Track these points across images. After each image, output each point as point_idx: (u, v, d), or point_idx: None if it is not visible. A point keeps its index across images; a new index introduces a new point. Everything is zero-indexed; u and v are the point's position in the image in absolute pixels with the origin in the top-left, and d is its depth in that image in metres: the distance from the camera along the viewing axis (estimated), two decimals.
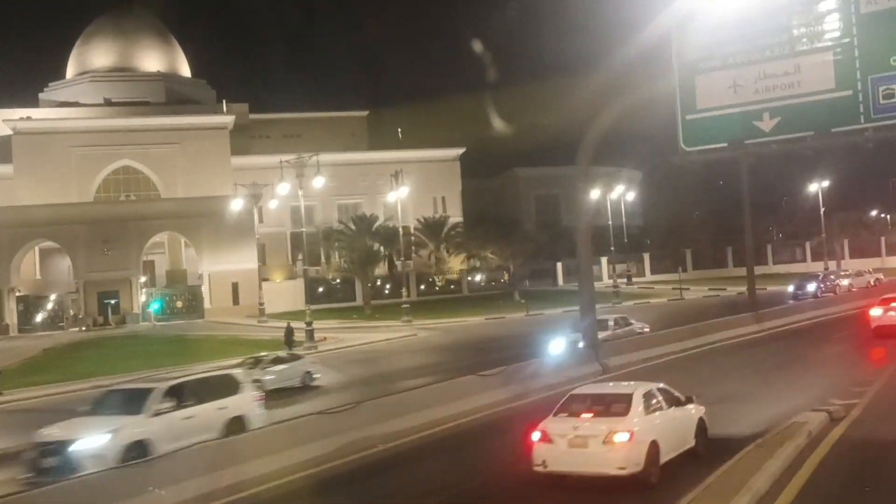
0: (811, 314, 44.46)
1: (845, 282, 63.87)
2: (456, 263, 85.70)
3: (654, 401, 15.63)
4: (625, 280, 79.29)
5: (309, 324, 43.17)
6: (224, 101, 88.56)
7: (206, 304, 69.44)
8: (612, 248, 70.74)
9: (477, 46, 65.01)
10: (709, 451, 16.15)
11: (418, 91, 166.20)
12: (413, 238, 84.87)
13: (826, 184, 77.71)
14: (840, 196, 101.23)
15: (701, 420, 16.62)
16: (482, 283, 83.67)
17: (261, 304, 61.87)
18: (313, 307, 67.10)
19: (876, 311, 33.55)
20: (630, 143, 75.92)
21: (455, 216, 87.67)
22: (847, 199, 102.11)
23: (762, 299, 50.21)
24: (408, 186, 64.55)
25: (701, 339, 34.46)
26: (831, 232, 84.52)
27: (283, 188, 51.56)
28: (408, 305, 56.68)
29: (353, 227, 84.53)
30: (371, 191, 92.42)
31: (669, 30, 25.58)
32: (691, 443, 16.23)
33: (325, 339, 46.88)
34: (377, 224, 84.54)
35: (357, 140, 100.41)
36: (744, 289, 55.02)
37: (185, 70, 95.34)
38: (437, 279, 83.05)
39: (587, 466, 14.66)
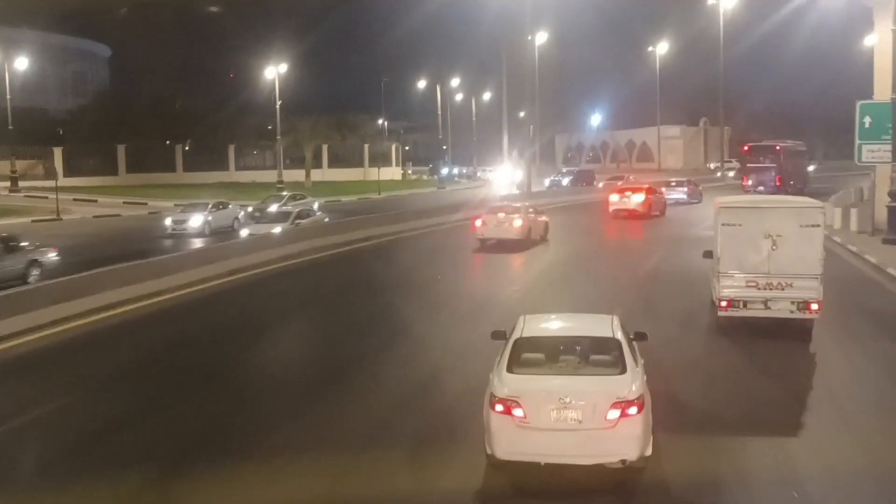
0: None
1: None
2: None
3: (529, 211, 32.10)
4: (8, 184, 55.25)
5: None
6: None
7: None
8: None
9: None
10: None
11: None
12: None
13: (283, 68, 59.24)
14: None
15: (547, 223, 33.09)
16: None
17: None
18: None
19: (613, 197, 40.97)
20: None
21: None
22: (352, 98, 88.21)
23: None
24: None
25: None
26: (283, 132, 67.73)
27: None
28: None
29: None
30: None
31: None
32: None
33: None
34: None
35: None
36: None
37: None
38: None
39: (504, 234, 30.18)
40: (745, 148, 54.78)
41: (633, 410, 9.12)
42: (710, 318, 17.20)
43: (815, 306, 15.42)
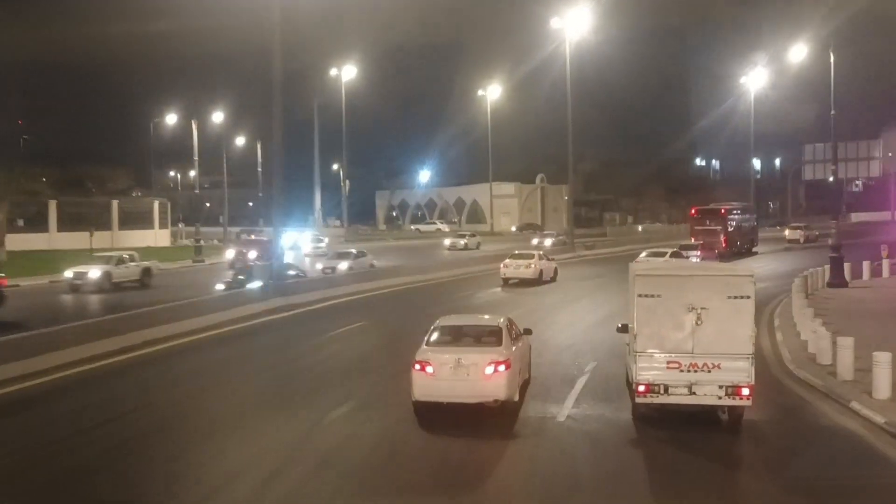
0: None
1: None
2: None
3: (542, 257, 40.63)
4: None
5: None
6: None
7: None
8: None
9: None
10: None
11: None
12: None
13: None
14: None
15: (556, 268, 41.67)
16: None
17: None
18: None
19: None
20: None
21: None
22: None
23: None
24: None
25: None
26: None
27: None
28: None
29: None
30: None
31: None
32: None
33: None
34: None
35: None
36: None
37: None
38: None
39: (521, 275, 38.19)
40: (693, 211, 57.42)
41: (502, 368, 14.43)
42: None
43: (746, 391, 13.38)
